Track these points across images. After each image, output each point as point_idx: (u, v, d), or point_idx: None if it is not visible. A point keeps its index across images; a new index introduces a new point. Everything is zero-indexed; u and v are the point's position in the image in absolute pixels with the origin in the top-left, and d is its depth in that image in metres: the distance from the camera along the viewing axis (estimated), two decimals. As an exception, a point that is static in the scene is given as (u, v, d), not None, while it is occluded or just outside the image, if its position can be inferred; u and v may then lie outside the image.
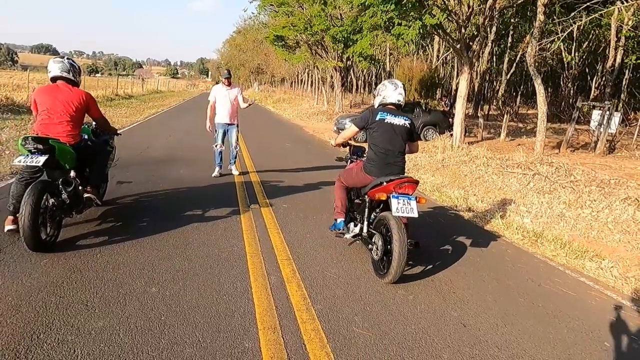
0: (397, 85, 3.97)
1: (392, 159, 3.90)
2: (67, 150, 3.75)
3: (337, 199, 4.28)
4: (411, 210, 3.60)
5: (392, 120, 3.87)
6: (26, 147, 3.54)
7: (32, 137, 3.57)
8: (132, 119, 16.25)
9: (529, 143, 14.73)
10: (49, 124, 3.84)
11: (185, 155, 9.09)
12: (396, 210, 3.55)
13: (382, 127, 3.86)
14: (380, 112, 3.89)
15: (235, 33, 60.96)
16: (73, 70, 4.06)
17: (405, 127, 3.92)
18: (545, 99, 10.37)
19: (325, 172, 8.61)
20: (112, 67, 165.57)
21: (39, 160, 3.48)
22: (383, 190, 3.75)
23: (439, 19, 10.31)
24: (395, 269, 3.45)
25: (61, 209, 3.78)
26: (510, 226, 5.98)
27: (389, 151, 3.88)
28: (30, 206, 3.31)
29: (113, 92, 26.98)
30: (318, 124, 21.44)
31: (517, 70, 28.72)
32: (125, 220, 4.64)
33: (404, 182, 3.72)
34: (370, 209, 4.07)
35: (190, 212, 5.09)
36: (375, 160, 3.91)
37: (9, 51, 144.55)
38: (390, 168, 3.89)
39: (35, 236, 3.41)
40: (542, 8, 9.33)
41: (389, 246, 3.58)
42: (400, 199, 3.63)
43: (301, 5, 23.37)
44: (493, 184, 9.01)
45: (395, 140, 3.89)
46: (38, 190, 3.43)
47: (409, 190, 3.75)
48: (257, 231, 4.61)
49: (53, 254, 3.58)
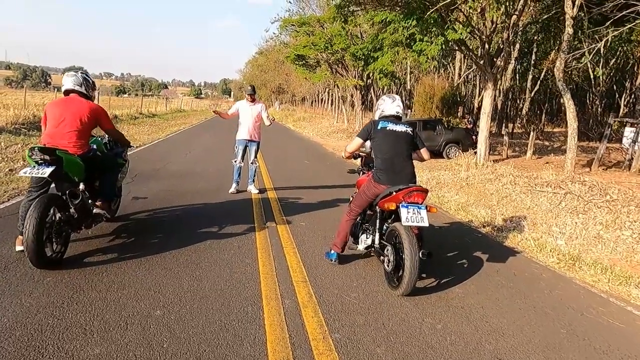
0: (394, 98, 4.09)
1: (399, 166, 3.85)
2: (75, 161, 3.63)
3: (342, 231, 4.13)
4: (421, 220, 3.50)
5: (393, 127, 3.90)
6: (33, 158, 3.41)
7: (38, 147, 3.44)
8: (154, 136, 16.42)
9: (557, 161, 14.16)
10: (55, 133, 3.72)
11: (203, 172, 8.99)
12: (406, 220, 3.47)
13: (384, 135, 3.88)
14: (381, 122, 3.95)
15: (257, 54, 62.13)
16: (86, 84, 4.03)
17: (407, 133, 3.93)
18: (576, 115, 9.92)
19: (345, 189, 8.34)
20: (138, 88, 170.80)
21: (45, 171, 3.35)
22: (392, 200, 3.65)
23: (462, 33, 10.08)
24: (407, 280, 3.35)
25: (69, 224, 3.62)
26: (543, 248, 5.57)
27: (394, 157, 3.85)
28: (35, 220, 3.15)
29: (137, 110, 27.54)
30: (338, 141, 21.28)
31: (541, 88, 28.10)
32: (137, 236, 4.46)
33: (412, 190, 3.62)
34: (382, 220, 3.97)
35: (204, 229, 4.89)
36: (383, 167, 3.85)
37: (43, 73, 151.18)
38: (400, 176, 3.82)
39: (40, 252, 3.25)
40: (571, 21, 9.00)
41: (401, 257, 3.46)
42: (409, 208, 3.54)
43: (322, 25, 23.59)
44: (521, 203, 8.57)
45: (399, 145, 3.88)
46: (44, 203, 3.29)
47: (419, 199, 3.64)
48: (272, 250, 4.36)
49: (58, 271, 3.41)
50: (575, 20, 9.26)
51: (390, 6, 11.30)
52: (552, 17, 15.46)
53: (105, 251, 3.96)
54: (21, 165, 7.82)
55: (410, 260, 3.30)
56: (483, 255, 5.02)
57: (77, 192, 3.75)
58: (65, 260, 3.62)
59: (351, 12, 14.15)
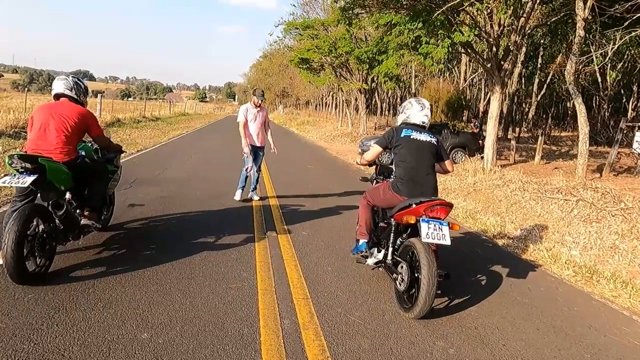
0: (423, 105, 3.73)
1: (422, 177, 3.56)
2: (59, 169, 3.39)
3: (362, 218, 3.90)
4: (443, 237, 3.21)
5: (417, 136, 3.63)
6: (13, 165, 3.19)
7: (18, 154, 3.20)
8: (156, 140, 16.24)
9: (566, 166, 13.84)
10: (40, 138, 3.50)
11: (203, 177, 8.77)
12: (426, 236, 3.17)
13: (407, 144, 3.61)
14: (404, 129, 3.66)
15: (261, 57, 62.15)
16: (77, 88, 3.84)
17: (432, 144, 3.67)
18: (587, 119, 9.63)
19: (349, 196, 8.10)
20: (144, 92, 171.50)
21: (26, 180, 3.10)
22: (412, 213, 3.35)
23: (469, 36, 9.83)
24: (422, 302, 3.04)
25: (53, 236, 3.39)
26: (557, 259, 5.29)
27: (417, 168, 3.56)
28: (15, 233, 2.91)
29: (140, 114, 27.44)
30: (342, 145, 21.05)
31: (547, 91, 27.78)
32: (128, 248, 4.23)
33: (435, 204, 3.33)
34: (396, 234, 3.67)
35: (201, 239, 4.65)
36: (404, 177, 3.56)
37: (49, 77, 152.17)
38: (421, 188, 3.53)
39: (20, 268, 3.01)
40: (583, 23, 8.73)
41: (416, 276, 3.17)
42: (430, 223, 3.24)
43: (326, 28, 23.41)
44: (531, 210, 8.29)
45: (423, 156, 3.60)
46: (25, 215, 3.04)
47: (441, 214, 3.35)
48: (272, 263, 4.11)
49: (40, 288, 3.17)
50: (586, 22, 8.98)
51: (395, 8, 11.07)
52: (560, 20, 15.18)
53: (94, 264, 3.72)
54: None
55: (428, 281, 3.01)
56: (495, 267, 4.75)
57: (61, 203, 3.49)
58: (50, 274, 3.38)
59: (355, 15, 13.96)
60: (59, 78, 3.88)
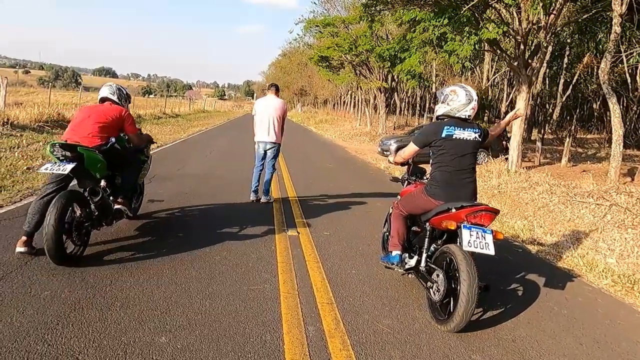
0: (471, 97, 3.26)
1: (461, 182, 3.26)
2: (96, 158, 3.58)
3: (394, 229, 3.59)
4: (486, 246, 2.94)
5: (461, 134, 3.25)
6: (54, 154, 3.38)
7: (59, 143, 3.41)
8: (175, 136, 16.30)
9: (595, 169, 13.33)
10: (78, 126, 3.76)
11: (222, 174, 8.68)
12: (467, 244, 2.91)
13: (450, 145, 3.24)
14: (446, 127, 3.25)
15: (280, 56, 62.20)
16: (119, 93, 4.21)
17: (476, 141, 3.30)
18: (622, 121, 9.20)
19: (370, 196, 7.89)
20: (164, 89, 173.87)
21: (66, 168, 3.31)
22: (452, 218, 3.08)
23: (497, 33, 9.49)
24: (461, 315, 2.78)
25: (89, 221, 3.58)
26: (594, 267, 4.99)
27: (457, 172, 3.25)
28: (55, 215, 3.10)
29: (161, 110, 27.70)
30: (360, 145, 20.81)
31: (572, 92, 26.93)
32: (149, 244, 4.12)
33: (479, 210, 3.03)
34: (431, 239, 3.41)
35: (220, 237, 4.51)
36: (441, 181, 3.27)
37: (73, 74, 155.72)
38: (460, 190, 3.25)
39: (59, 248, 3.20)
40: (619, 19, 8.31)
41: (454, 286, 2.92)
42: (473, 230, 2.97)
43: (347, 26, 23.17)
44: (561, 214, 7.95)
45: (464, 158, 3.27)
46: (65, 199, 3.25)
47: (485, 221, 3.05)
48: (294, 264, 3.94)
49: (57, 284, 3.07)
50: (622, 18, 8.56)
51: (419, 5, 10.79)
52: (590, 18, 14.64)
53: (113, 259, 3.63)
54: (40, 164, 7.67)
55: (468, 293, 2.74)
56: (527, 274, 4.49)
57: (97, 190, 3.70)
58: (70, 270, 3.29)
59: (378, 12, 13.70)
60: (105, 85, 4.31)
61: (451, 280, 3.00)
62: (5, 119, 10.82)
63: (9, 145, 8.98)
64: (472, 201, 3.22)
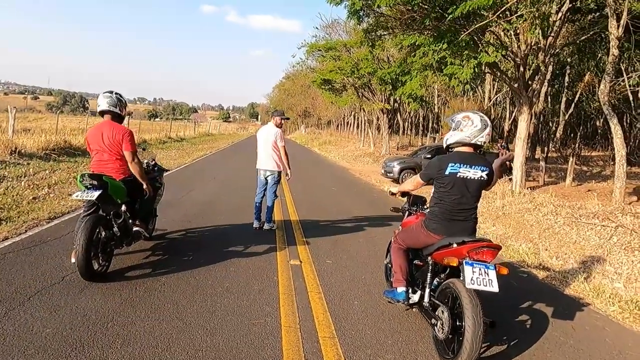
0: (487, 123, 3.12)
1: (461, 215, 3.21)
2: (118, 186, 4.07)
3: (396, 264, 3.53)
4: (489, 283, 2.88)
5: (466, 173, 3.12)
6: (83, 183, 3.87)
7: (88, 174, 3.92)
8: (180, 161, 16.45)
9: (600, 189, 13.27)
10: (100, 161, 4.20)
11: (226, 201, 8.72)
12: (470, 282, 2.86)
13: (453, 183, 3.14)
14: (451, 164, 3.12)
15: (284, 79, 63.14)
16: (120, 104, 4.36)
17: (482, 180, 3.17)
18: (623, 140, 9.21)
19: (374, 220, 7.88)
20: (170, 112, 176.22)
21: (94, 194, 3.78)
22: (454, 254, 3.04)
23: (496, 56, 9.63)
24: (467, 355, 2.71)
25: (112, 241, 4.05)
26: (601, 293, 4.92)
27: (458, 210, 3.19)
28: (84, 238, 3.59)
29: (166, 135, 28.04)
30: (364, 166, 20.88)
31: (575, 110, 27.00)
32: (152, 276, 4.13)
33: (482, 246, 2.99)
34: (434, 274, 3.35)
35: (222, 268, 4.51)
36: (440, 217, 3.22)
37: (81, 99, 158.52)
38: (460, 225, 3.20)
39: (88, 266, 3.67)
40: (616, 42, 8.42)
41: (459, 323, 2.86)
42: (475, 266, 2.92)
43: (348, 50, 23.57)
44: (566, 236, 7.88)
45: (469, 197, 3.18)
46: (92, 223, 3.73)
47: (487, 258, 3.00)
48: (296, 295, 3.93)
49: (58, 319, 3.08)
50: (620, 41, 8.68)
51: (419, 30, 10.99)
52: (589, 39, 14.80)
53: (118, 294, 3.63)
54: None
55: (473, 332, 2.69)
56: (533, 301, 4.44)
57: (120, 213, 4.19)
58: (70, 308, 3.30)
59: (379, 37, 13.94)
60: (103, 95, 4.34)
61: (456, 317, 2.94)
62: (13, 148, 11.00)
63: (15, 174, 9.09)
64: (471, 236, 3.18)
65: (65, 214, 6.37)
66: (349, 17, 12.56)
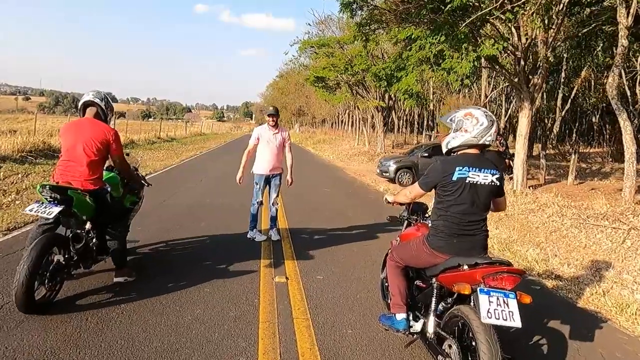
0: (493, 120, 2.70)
1: (470, 229, 2.67)
2: (85, 202, 3.43)
3: (393, 286, 2.98)
4: (510, 316, 2.32)
5: (476, 177, 2.64)
6: (43, 194, 3.26)
7: (50, 186, 3.28)
8: (167, 162, 15.78)
9: (603, 187, 12.80)
10: (69, 161, 3.51)
11: (212, 205, 8.10)
12: (487, 315, 2.30)
13: (461, 190, 2.64)
14: (459, 168, 2.64)
15: (277, 77, 62.48)
16: (106, 102, 3.84)
17: (493, 186, 2.69)
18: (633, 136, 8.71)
19: (370, 225, 7.31)
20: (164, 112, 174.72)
21: (52, 211, 3.16)
22: (465, 280, 2.50)
23: (497, 48, 9.09)
24: None
25: (66, 268, 3.39)
26: (625, 308, 4.38)
27: (467, 222, 2.66)
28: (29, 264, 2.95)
29: (156, 135, 27.30)
30: (359, 165, 20.32)
31: (571, 106, 26.63)
32: (107, 305, 3.53)
33: (501, 271, 2.43)
34: (439, 298, 2.79)
35: (195, 290, 3.88)
36: (446, 232, 2.67)
37: (74, 99, 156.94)
38: (469, 241, 2.66)
39: (29, 297, 3.01)
40: (626, 32, 7.90)
41: None
42: (492, 295, 2.36)
43: (342, 46, 23.00)
44: (575, 239, 7.37)
45: (479, 206, 2.68)
46: (42, 245, 3.11)
47: (507, 284, 2.43)
48: (278, 324, 3.32)
49: None
50: (629, 31, 8.16)
51: (415, 23, 10.44)
52: (589, 32, 14.32)
53: (63, 328, 3.03)
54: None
55: None
56: (551, 320, 3.90)
57: (80, 235, 3.51)
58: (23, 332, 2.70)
59: (372, 31, 13.37)
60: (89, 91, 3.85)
61: (467, 352, 2.41)
62: (-16, 150, 10.34)
63: (-17, 179, 8.45)
64: (484, 256, 2.64)
65: (29, 224, 5.74)
66: (341, 10, 12.00)
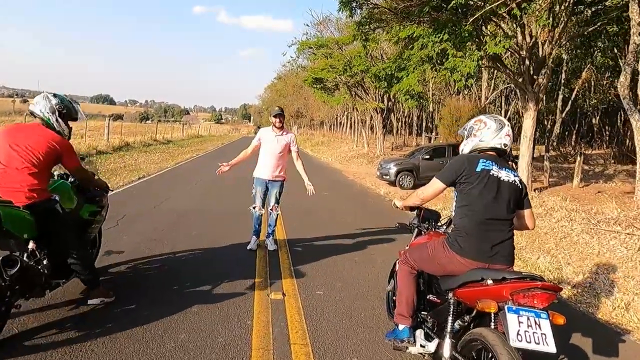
0: (503, 123, 2.62)
1: (496, 232, 2.42)
2: (19, 216, 2.82)
3: (402, 293, 2.71)
4: (543, 339, 2.03)
5: (499, 173, 2.50)
6: None
7: None
8: (162, 165, 15.39)
9: (610, 190, 12.46)
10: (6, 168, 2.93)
11: (206, 211, 7.71)
12: (517, 338, 2.00)
13: (485, 183, 2.46)
14: (482, 161, 2.51)
15: (275, 79, 62.24)
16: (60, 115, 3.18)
17: (516, 186, 2.54)
18: None
19: (372, 232, 6.95)
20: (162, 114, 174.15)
21: None
22: (490, 296, 2.20)
23: (504, 46, 8.76)
24: None
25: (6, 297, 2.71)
26: (649, 324, 4.02)
27: (493, 220, 2.41)
28: None
29: (152, 137, 26.91)
30: (358, 167, 19.97)
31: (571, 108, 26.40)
32: (74, 338, 3.15)
33: (532, 287, 2.13)
34: (456, 316, 2.47)
35: (182, 308, 3.50)
36: (470, 230, 2.42)
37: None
38: (495, 247, 2.39)
39: None
40: (638, 29, 7.57)
41: None
42: (522, 315, 2.07)
43: (340, 47, 22.69)
44: (586, 246, 7.02)
45: (503, 203, 2.47)
46: None
47: (539, 303, 2.12)
48: (273, 350, 2.94)
49: None
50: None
51: (417, 21, 10.10)
52: (594, 32, 14.02)
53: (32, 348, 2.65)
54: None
55: None
56: (572, 338, 3.54)
57: (13, 259, 2.75)
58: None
59: (372, 30, 13.03)
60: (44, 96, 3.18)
61: None
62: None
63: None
64: (508, 263, 2.38)
65: None
66: (340, 9, 11.66)
